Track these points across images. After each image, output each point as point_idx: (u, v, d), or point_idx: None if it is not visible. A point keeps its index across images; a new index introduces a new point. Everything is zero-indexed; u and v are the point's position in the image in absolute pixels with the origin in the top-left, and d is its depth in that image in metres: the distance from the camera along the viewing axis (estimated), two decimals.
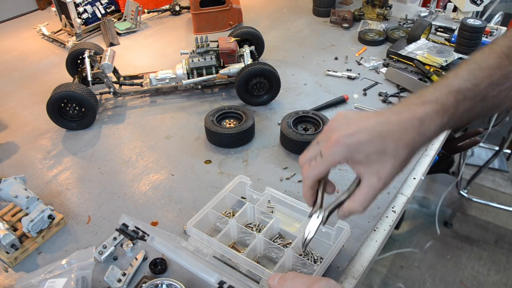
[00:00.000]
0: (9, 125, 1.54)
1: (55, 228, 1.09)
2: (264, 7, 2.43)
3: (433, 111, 0.62)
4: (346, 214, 0.67)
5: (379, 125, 0.62)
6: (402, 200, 1.18)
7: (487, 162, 2.79)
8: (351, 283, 0.95)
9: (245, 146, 1.37)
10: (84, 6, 2.12)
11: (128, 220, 0.77)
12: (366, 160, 0.63)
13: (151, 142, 1.42)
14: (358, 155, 0.62)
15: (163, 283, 0.89)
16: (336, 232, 0.97)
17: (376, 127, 0.62)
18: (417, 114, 0.62)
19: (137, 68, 1.85)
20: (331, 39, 2.03)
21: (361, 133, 0.62)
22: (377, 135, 0.62)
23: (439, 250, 2.71)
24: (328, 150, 0.64)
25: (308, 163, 0.67)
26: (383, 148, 0.62)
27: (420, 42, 1.81)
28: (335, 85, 1.68)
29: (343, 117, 0.66)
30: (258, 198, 1.08)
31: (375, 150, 0.62)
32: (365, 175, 0.64)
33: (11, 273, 1.00)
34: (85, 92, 1.43)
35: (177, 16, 2.36)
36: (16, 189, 1.06)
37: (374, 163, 0.62)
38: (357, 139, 0.62)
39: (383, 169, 0.62)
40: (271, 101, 1.58)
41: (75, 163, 1.35)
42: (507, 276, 2.55)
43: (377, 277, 2.57)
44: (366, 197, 0.64)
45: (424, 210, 3.00)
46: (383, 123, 0.63)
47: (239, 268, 0.95)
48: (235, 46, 1.61)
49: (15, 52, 2.05)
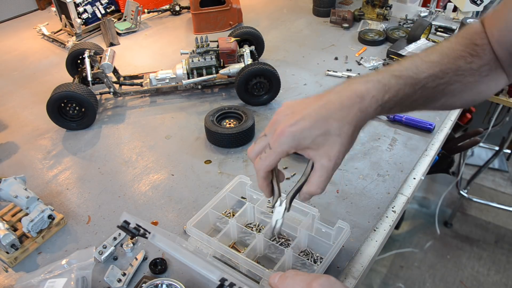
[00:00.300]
0: (9, 125, 1.54)
1: (55, 228, 1.09)
2: (264, 7, 2.43)
3: (374, 88, 0.65)
4: (306, 197, 0.71)
5: (320, 108, 0.65)
6: (402, 200, 1.18)
7: (487, 162, 2.79)
8: (351, 283, 0.95)
9: (245, 146, 1.37)
10: (84, 6, 2.12)
11: (130, 217, 0.77)
12: (314, 144, 0.65)
13: (151, 142, 1.42)
14: (305, 141, 0.65)
15: (163, 283, 0.89)
16: (336, 232, 0.97)
17: (317, 111, 0.65)
18: (357, 91, 0.65)
19: (137, 68, 1.85)
20: (331, 39, 2.03)
21: (304, 120, 0.65)
22: (320, 118, 0.64)
23: (439, 250, 2.71)
24: (275, 142, 0.66)
25: (258, 155, 0.70)
26: (327, 129, 0.64)
27: (420, 42, 1.80)
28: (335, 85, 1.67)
29: (287, 108, 0.69)
30: (258, 198, 1.08)
31: (320, 133, 0.64)
32: (316, 158, 0.66)
33: (11, 273, 1.00)
34: (85, 92, 1.43)
35: (177, 16, 2.36)
36: (16, 189, 1.06)
37: (322, 146, 0.65)
38: (301, 126, 0.64)
39: (331, 149, 0.65)
40: (271, 101, 1.58)
41: (75, 163, 1.35)
42: (507, 276, 2.55)
43: (377, 277, 2.57)
44: (320, 179, 0.67)
45: (424, 210, 3.00)
46: (324, 105, 0.65)
47: (239, 268, 0.95)
48: (235, 46, 1.61)
49: (15, 52, 2.05)
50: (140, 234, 0.77)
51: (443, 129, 1.45)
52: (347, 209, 1.12)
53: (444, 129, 1.45)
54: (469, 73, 0.69)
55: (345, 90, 0.66)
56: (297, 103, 0.69)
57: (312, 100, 0.68)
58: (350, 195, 1.17)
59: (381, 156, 1.31)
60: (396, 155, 1.31)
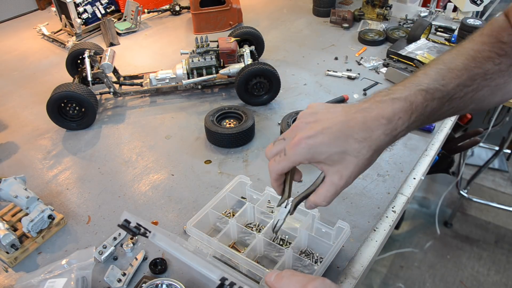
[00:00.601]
0: (9, 125, 1.54)
1: (55, 228, 1.09)
2: (264, 7, 2.43)
3: (401, 109, 0.61)
4: (312, 206, 0.70)
5: (342, 125, 0.62)
6: (402, 200, 1.18)
7: (487, 162, 2.79)
8: (351, 283, 0.95)
9: (245, 146, 1.37)
10: (84, 6, 2.12)
11: (130, 216, 0.77)
12: (328, 160, 0.64)
13: (151, 142, 1.42)
14: (320, 156, 0.63)
15: (163, 283, 0.89)
16: (336, 232, 0.97)
17: (339, 127, 0.62)
18: (385, 112, 0.61)
19: (137, 68, 1.85)
20: (331, 39, 2.03)
21: (323, 134, 0.62)
22: (340, 136, 0.62)
23: (439, 250, 2.71)
24: (290, 150, 0.65)
25: (274, 157, 0.69)
26: (345, 149, 0.62)
27: (420, 42, 1.81)
28: (335, 85, 1.68)
29: (310, 114, 0.67)
30: (258, 198, 1.08)
31: (337, 151, 0.62)
32: (328, 173, 0.65)
33: (11, 273, 1.00)
34: (85, 92, 1.43)
35: (177, 16, 2.36)
36: (16, 189, 1.06)
37: (336, 163, 0.64)
38: (318, 140, 0.62)
39: (345, 169, 0.63)
40: (271, 101, 1.58)
41: (75, 163, 1.35)
42: (507, 276, 2.55)
43: (377, 277, 2.57)
44: (328, 194, 0.66)
45: (424, 210, 3.00)
46: (347, 122, 0.62)
47: (239, 268, 0.95)
48: (235, 46, 1.61)
49: (15, 52, 2.05)
50: (140, 233, 0.77)
51: (443, 129, 1.45)
52: (347, 209, 1.12)
53: (444, 129, 1.45)
54: (498, 76, 0.64)
55: (371, 109, 0.62)
56: (322, 110, 0.67)
57: (337, 112, 0.65)
58: (350, 195, 1.17)
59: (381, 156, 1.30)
60: (396, 155, 1.31)
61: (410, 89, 0.63)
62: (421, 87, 0.62)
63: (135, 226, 0.77)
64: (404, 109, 0.61)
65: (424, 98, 0.62)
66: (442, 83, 0.63)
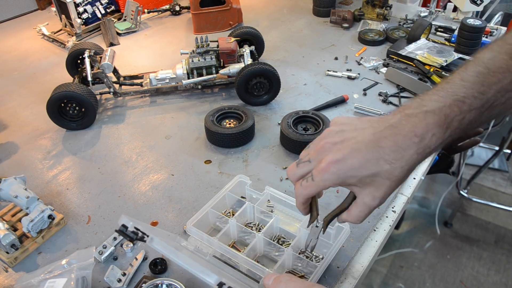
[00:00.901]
0: (9, 125, 1.55)
1: (55, 228, 1.09)
2: (264, 7, 2.43)
3: (435, 124, 0.56)
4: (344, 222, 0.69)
5: (372, 145, 0.59)
6: (402, 200, 1.18)
7: (487, 162, 2.79)
8: (351, 283, 0.95)
9: (245, 146, 1.37)
10: (84, 6, 2.12)
11: (128, 221, 0.77)
12: (359, 183, 0.61)
13: (151, 142, 1.42)
14: (350, 180, 0.61)
15: (163, 283, 0.89)
16: (336, 232, 0.97)
17: (368, 148, 0.59)
18: (417, 129, 0.57)
19: (137, 68, 1.85)
20: (331, 39, 2.03)
21: (352, 157, 0.59)
22: (370, 158, 0.58)
23: (439, 250, 2.71)
24: (318, 175, 0.62)
25: (299, 181, 0.66)
26: (377, 171, 0.59)
27: (420, 42, 1.81)
28: (335, 85, 1.68)
29: (336, 133, 0.63)
30: (258, 197, 1.08)
31: (368, 174, 0.59)
32: (359, 194, 0.63)
33: (11, 273, 1.00)
34: (85, 92, 1.43)
35: (177, 16, 2.36)
36: (16, 189, 1.06)
37: (368, 185, 0.61)
38: (348, 165, 0.59)
39: (377, 191, 0.61)
40: (271, 101, 1.58)
41: (75, 163, 1.35)
42: (507, 276, 2.55)
43: (377, 277, 2.57)
44: (361, 214, 0.64)
45: (424, 210, 3.00)
46: (376, 142, 0.59)
47: (239, 268, 0.95)
48: (235, 46, 1.61)
49: (15, 52, 2.06)
50: (138, 238, 0.76)
51: None
52: None
53: None
54: None
55: (402, 125, 0.58)
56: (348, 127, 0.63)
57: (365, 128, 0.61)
58: None
59: None
60: None
61: (445, 99, 0.57)
62: (458, 97, 0.56)
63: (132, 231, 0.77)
64: (438, 124, 0.56)
65: (460, 110, 0.56)
66: (481, 89, 0.56)
